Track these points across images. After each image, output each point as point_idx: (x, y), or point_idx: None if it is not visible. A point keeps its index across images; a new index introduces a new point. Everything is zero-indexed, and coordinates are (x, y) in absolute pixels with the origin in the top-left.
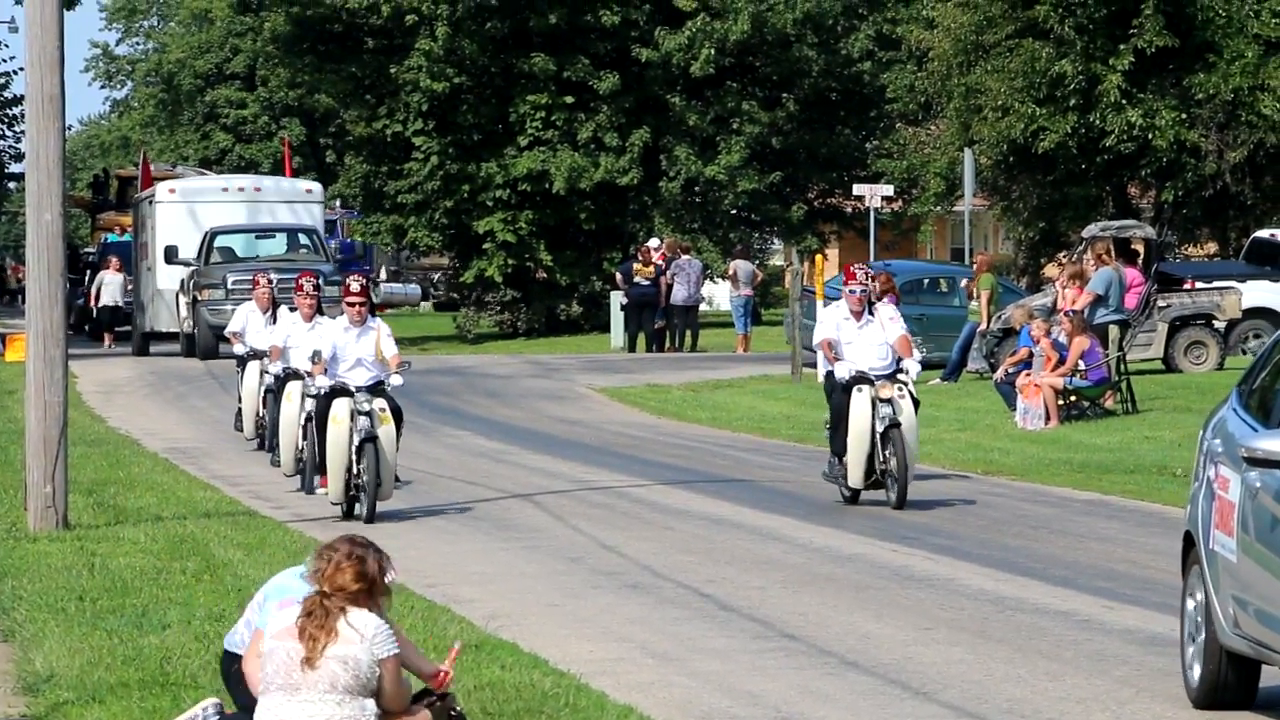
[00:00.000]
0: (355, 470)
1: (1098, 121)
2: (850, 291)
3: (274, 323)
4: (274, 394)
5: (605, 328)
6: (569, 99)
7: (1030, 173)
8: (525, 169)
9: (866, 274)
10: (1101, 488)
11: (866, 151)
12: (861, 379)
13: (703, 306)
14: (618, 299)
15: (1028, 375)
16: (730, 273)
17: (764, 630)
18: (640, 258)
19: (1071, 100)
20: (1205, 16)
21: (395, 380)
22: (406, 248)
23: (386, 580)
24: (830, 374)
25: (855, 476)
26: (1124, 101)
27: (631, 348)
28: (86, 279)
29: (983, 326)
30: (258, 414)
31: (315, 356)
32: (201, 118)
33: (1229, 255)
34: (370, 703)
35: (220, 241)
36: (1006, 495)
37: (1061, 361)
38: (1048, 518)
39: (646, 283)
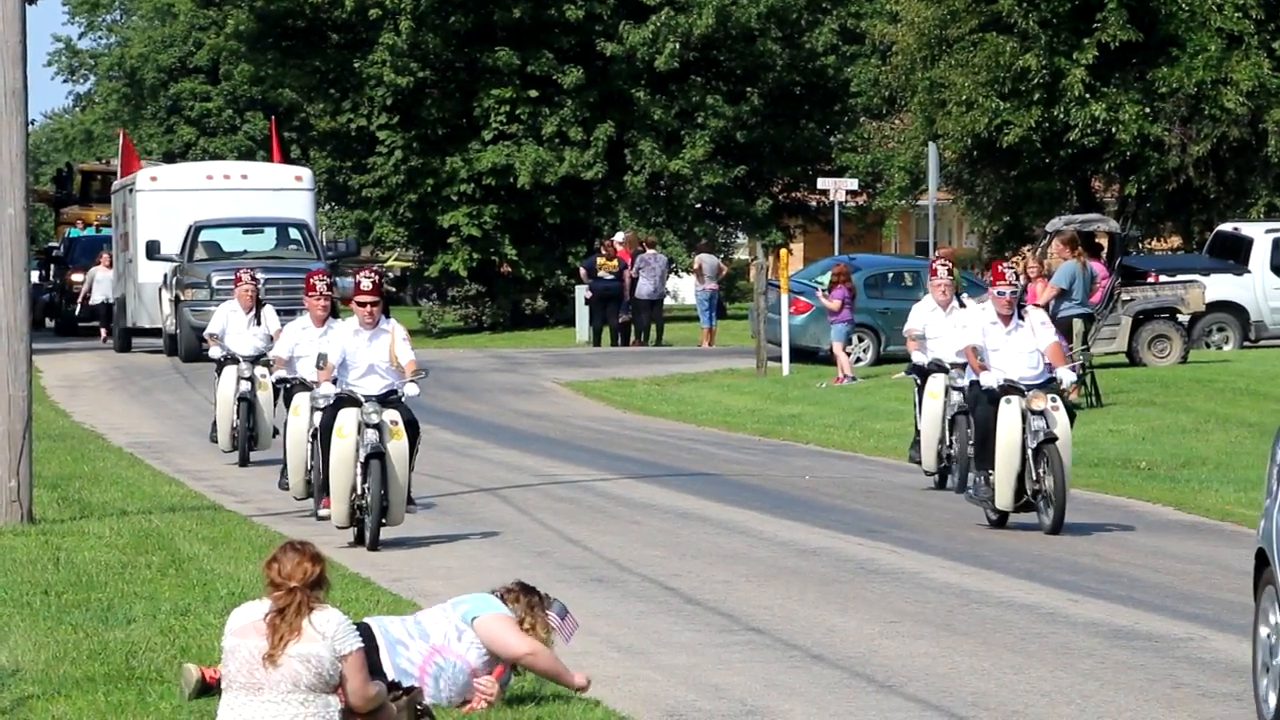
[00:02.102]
0: (359, 490)
1: (1061, 115)
2: (999, 294)
3: (258, 324)
4: (248, 402)
5: (570, 322)
6: (533, 93)
7: (994, 167)
8: (490, 163)
9: (1017, 273)
10: None
11: (831, 145)
12: (1011, 389)
13: (667, 300)
14: (582, 293)
15: None
16: (695, 266)
17: (730, 624)
18: (604, 252)
19: (1035, 94)
20: (1168, 10)
21: (410, 390)
22: (372, 242)
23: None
24: (974, 383)
25: (1004, 497)
26: (1087, 95)
27: (596, 342)
28: (51, 273)
29: None
30: (233, 423)
31: (321, 361)
32: (165, 112)
33: (1192, 249)
34: (334, 699)
35: (205, 236)
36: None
37: None
38: None
39: (611, 277)
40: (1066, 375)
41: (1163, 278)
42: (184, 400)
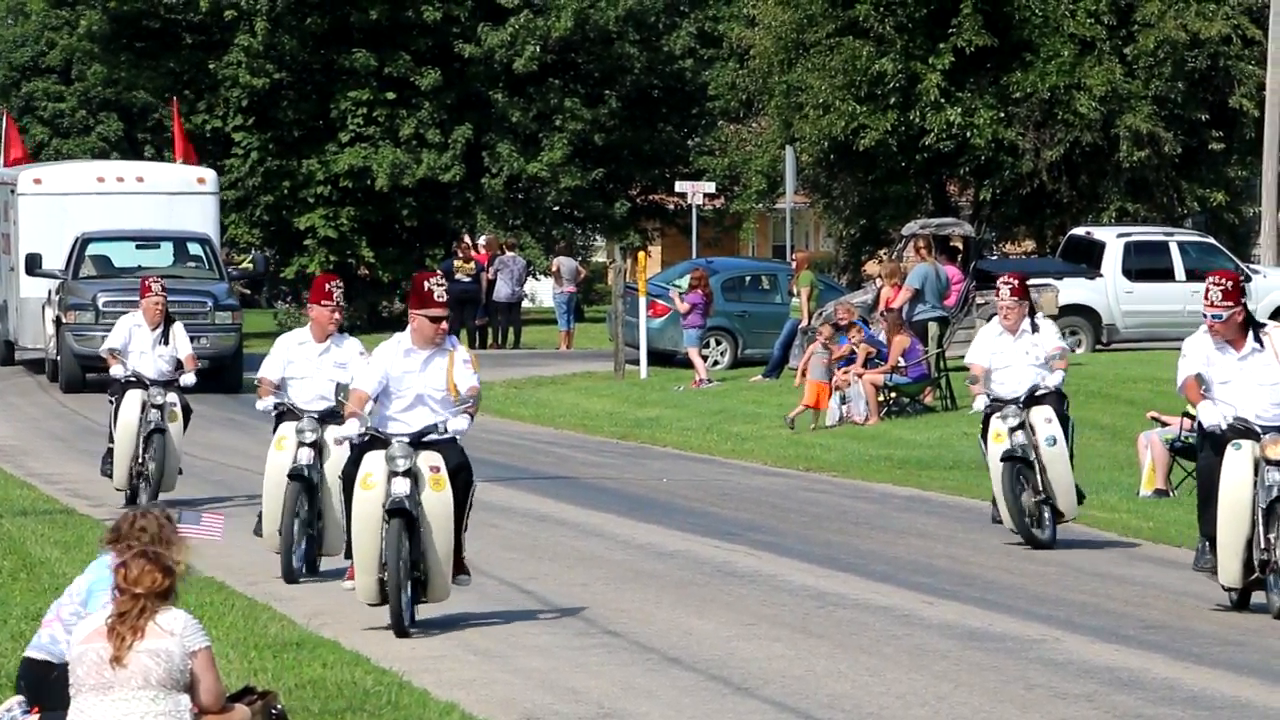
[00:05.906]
0: (382, 559)
1: (917, 120)
2: (1213, 316)
3: (164, 343)
4: (161, 433)
5: None
6: (390, 95)
7: (851, 170)
8: (347, 165)
9: (1233, 290)
10: (921, 483)
11: (689, 149)
12: (1243, 430)
13: (525, 303)
14: None
15: (845, 372)
16: (553, 269)
17: (586, 627)
18: (461, 254)
19: (891, 99)
20: (1023, 16)
21: (456, 424)
22: (227, 245)
23: (177, 559)
24: (1200, 426)
25: (1229, 570)
26: (943, 100)
27: None
28: None
29: (804, 323)
30: (135, 458)
31: (342, 392)
32: (17, 112)
33: (1046, 253)
34: (185, 698)
35: (94, 250)
36: (828, 491)
37: (881, 359)
38: (868, 514)
39: (468, 279)
40: None
41: None
42: (36, 403)
